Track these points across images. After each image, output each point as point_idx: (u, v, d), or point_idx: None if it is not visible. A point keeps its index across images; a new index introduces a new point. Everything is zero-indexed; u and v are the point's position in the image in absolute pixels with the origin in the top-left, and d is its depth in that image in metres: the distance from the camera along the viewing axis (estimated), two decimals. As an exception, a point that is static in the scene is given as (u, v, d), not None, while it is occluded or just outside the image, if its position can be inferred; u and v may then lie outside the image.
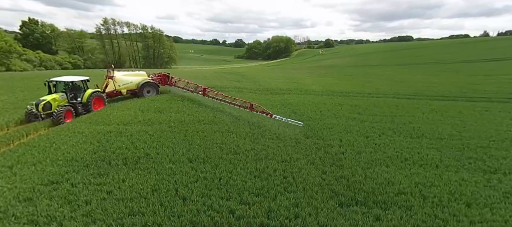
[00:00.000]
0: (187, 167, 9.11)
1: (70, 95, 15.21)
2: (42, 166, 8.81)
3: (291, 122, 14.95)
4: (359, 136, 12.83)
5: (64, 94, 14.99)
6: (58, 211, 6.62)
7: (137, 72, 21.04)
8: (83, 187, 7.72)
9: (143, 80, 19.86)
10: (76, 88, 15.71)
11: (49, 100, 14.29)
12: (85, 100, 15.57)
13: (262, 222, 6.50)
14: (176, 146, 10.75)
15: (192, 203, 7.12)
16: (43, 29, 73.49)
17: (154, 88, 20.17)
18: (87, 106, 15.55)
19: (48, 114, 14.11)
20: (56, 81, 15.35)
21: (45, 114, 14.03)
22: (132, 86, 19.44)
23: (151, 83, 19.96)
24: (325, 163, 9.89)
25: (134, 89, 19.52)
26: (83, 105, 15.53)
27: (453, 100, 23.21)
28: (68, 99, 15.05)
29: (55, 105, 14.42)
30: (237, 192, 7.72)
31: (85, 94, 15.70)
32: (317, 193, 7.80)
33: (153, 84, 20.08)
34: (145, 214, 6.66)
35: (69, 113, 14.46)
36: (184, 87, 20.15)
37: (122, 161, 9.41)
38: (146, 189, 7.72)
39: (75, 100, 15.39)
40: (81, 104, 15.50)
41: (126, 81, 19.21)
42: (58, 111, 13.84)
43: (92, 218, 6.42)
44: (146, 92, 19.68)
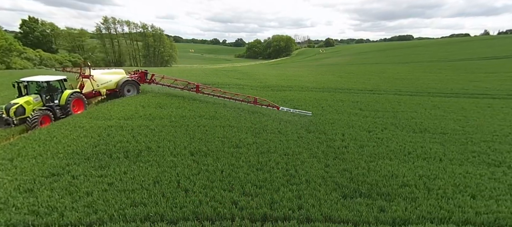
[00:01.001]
0: (189, 160, 9.04)
1: (46, 97, 13.51)
2: (43, 159, 8.74)
3: (299, 112, 14.96)
4: (362, 130, 12.74)
5: (39, 96, 13.33)
6: (59, 202, 6.55)
7: (115, 70, 19.80)
8: (84, 179, 7.65)
9: (122, 78, 18.56)
10: (52, 89, 13.94)
11: (22, 104, 12.51)
12: (63, 102, 13.89)
13: (265, 212, 6.43)
14: (177, 140, 10.67)
15: (194, 195, 7.05)
16: (43, 27, 73.33)
17: (134, 87, 18.91)
18: (66, 109, 13.95)
19: (22, 120, 12.44)
20: (27, 82, 13.36)
21: (18, 120, 12.34)
22: (111, 85, 17.97)
23: (131, 82, 18.70)
24: (328, 156, 9.81)
25: (114, 89, 18.08)
26: (62, 108, 13.90)
27: (455, 96, 23.12)
28: (44, 101, 13.38)
29: (29, 109, 12.72)
30: (239, 184, 7.64)
31: (63, 96, 14.05)
32: (320, 185, 7.73)
33: (133, 83, 18.87)
34: (147, 205, 6.59)
35: (47, 118, 12.89)
36: (170, 85, 19.23)
37: (123, 154, 9.33)
38: (147, 181, 7.65)
39: (51, 102, 13.72)
40: (59, 106, 13.85)
41: (105, 80, 17.66)
42: (33, 116, 12.24)
43: (94, 209, 6.35)
44: (127, 91, 18.37)
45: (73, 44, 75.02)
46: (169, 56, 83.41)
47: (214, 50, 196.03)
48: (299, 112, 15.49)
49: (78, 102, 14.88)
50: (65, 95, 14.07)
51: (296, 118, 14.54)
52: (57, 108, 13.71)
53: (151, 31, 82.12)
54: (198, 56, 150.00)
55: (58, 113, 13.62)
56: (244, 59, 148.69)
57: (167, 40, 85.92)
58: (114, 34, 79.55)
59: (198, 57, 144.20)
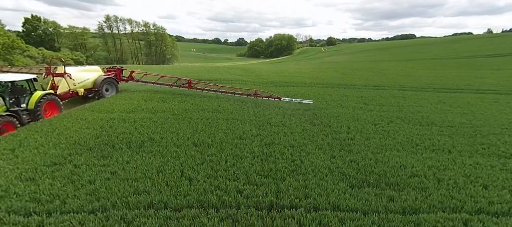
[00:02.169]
0: (192, 151, 8.89)
1: (10, 99, 11.48)
2: (45, 149, 8.61)
3: (301, 101, 14.85)
4: (367, 123, 12.55)
5: (1, 99, 11.48)
6: (61, 190, 6.42)
7: (90, 67, 18.05)
8: (86, 168, 7.51)
9: (100, 76, 16.87)
10: (18, 90, 11.84)
11: None
12: (32, 106, 11.85)
13: (271, 201, 6.26)
14: (180, 132, 10.52)
15: (198, 183, 6.90)
16: (46, 26, 73.59)
17: (113, 86, 17.29)
18: (35, 114, 11.94)
19: None
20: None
21: None
22: (89, 84, 16.16)
23: (110, 80, 17.05)
24: (334, 148, 9.63)
25: (91, 88, 16.32)
26: (30, 113, 11.91)
27: (460, 92, 22.87)
28: (7, 105, 11.37)
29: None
30: (244, 174, 7.48)
31: (32, 98, 12.01)
32: (327, 176, 7.55)
33: (112, 81, 17.23)
34: (150, 193, 6.44)
35: (9, 126, 10.83)
36: (156, 82, 18.06)
37: (126, 144, 9.19)
38: (151, 170, 7.49)
39: (17, 106, 11.65)
40: (26, 111, 11.82)
41: (82, 79, 15.81)
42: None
43: (96, 196, 6.21)
44: (105, 91, 16.71)
45: (75, 43, 75.18)
46: (171, 54, 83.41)
47: (216, 49, 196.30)
48: (300, 101, 15.41)
49: (52, 105, 12.91)
50: (35, 98, 11.99)
51: (300, 112, 14.36)
52: (24, 112, 11.65)
53: (153, 29, 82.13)
54: (200, 55, 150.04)
55: (25, 119, 11.58)
56: (246, 58, 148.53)
57: (169, 38, 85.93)
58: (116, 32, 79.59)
59: (199, 56, 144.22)
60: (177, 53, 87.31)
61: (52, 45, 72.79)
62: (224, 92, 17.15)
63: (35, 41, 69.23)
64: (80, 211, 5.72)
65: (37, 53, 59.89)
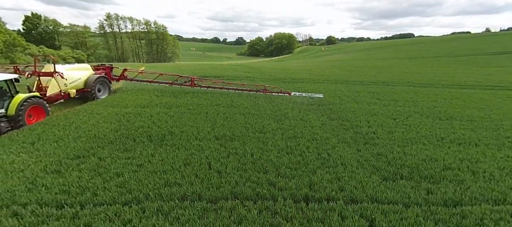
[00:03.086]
0: (216, 144, 8.70)
1: None
2: (65, 142, 8.41)
3: (311, 96, 14.70)
4: (386, 118, 12.38)
5: None
6: (90, 182, 6.22)
7: (80, 65, 15.91)
8: (111, 161, 7.32)
9: (91, 75, 15.13)
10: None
11: None
12: (13, 112, 10.01)
13: (306, 193, 6.07)
14: (199, 126, 10.34)
15: (228, 176, 6.71)
16: (46, 24, 73.07)
17: (106, 86, 15.62)
18: (16, 120, 10.11)
19: None
20: None
21: None
22: (80, 83, 14.37)
23: (102, 79, 15.35)
24: (357, 142, 9.45)
25: (83, 88, 14.44)
26: (10, 120, 10.08)
27: (471, 88, 22.73)
28: None
29: None
30: (272, 167, 7.29)
31: (13, 102, 10.17)
32: (357, 168, 7.37)
33: (105, 80, 15.59)
34: (182, 185, 6.25)
35: None
36: (153, 81, 16.76)
37: (146, 138, 9.00)
38: (177, 163, 7.30)
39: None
40: (6, 117, 10.06)
41: (74, 78, 14.00)
42: None
43: (127, 189, 6.02)
44: (97, 91, 14.94)
45: (76, 41, 74.70)
46: (172, 53, 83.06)
47: (215, 49, 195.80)
48: (311, 96, 15.25)
49: (37, 110, 11.03)
50: (16, 102, 10.15)
51: (314, 107, 14.19)
52: (2, 119, 9.89)
53: (154, 28, 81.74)
54: (200, 54, 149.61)
55: (4, 127, 9.71)
56: (246, 57, 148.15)
57: (170, 37, 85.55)
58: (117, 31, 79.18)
59: (200, 55, 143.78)
60: (179, 52, 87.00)
61: (52, 43, 72.24)
62: (231, 89, 16.66)
63: (36, 39, 68.63)
64: (113, 203, 5.53)
65: (38, 51, 59.44)
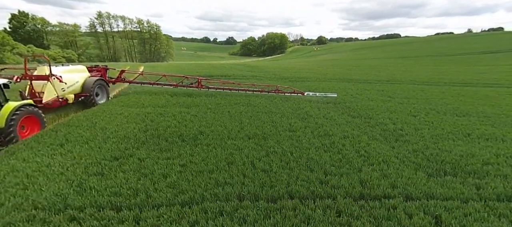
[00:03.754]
0: (251, 143, 8.57)
1: None
2: (95, 144, 8.10)
3: (325, 95, 14.72)
4: (406, 115, 12.52)
5: None
6: (138, 184, 6.00)
7: (75, 67, 13.96)
8: (152, 161, 7.09)
9: (88, 77, 13.54)
10: None
11: None
12: (3, 124, 8.36)
13: (361, 192, 6.03)
14: (227, 125, 10.18)
15: (276, 175, 6.60)
16: (34, 22, 70.79)
17: (104, 90, 14.20)
18: (7, 133, 8.43)
19: None
20: None
21: None
22: (78, 87, 12.84)
23: (100, 82, 13.87)
24: (388, 139, 9.49)
25: (80, 93, 12.90)
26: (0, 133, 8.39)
27: (472, 86, 23.35)
28: None
29: None
30: (316, 165, 7.22)
31: (3, 112, 8.51)
32: (400, 165, 7.38)
33: (103, 83, 14.15)
34: (233, 185, 6.11)
35: None
36: (155, 83, 15.69)
37: (178, 138, 8.79)
38: (220, 162, 7.14)
39: None
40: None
41: (72, 81, 12.44)
42: None
43: (179, 189, 5.83)
44: (95, 95, 13.44)
45: (66, 40, 72.66)
46: (166, 52, 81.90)
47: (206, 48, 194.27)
48: (324, 95, 15.28)
49: (30, 120, 9.36)
50: (6, 112, 8.51)
51: (330, 105, 14.21)
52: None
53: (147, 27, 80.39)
54: (192, 54, 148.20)
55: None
56: (239, 57, 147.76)
57: (164, 37, 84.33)
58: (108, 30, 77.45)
59: (191, 55, 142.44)
60: (173, 51, 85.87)
61: (41, 42, 70.14)
62: (241, 90, 16.03)
63: (23, 38, 66.37)
64: (170, 205, 5.35)
65: (27, 50, 57.54)
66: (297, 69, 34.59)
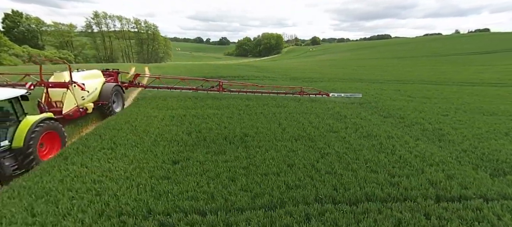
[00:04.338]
0: (300, 144, 8.48)
1: None
2: (146, 147, 7.90)
3: (351, 95, 14.74)
4: (436, 115, 12.62)
5: None
6: (210, 187, 5.85)
7: (91, 72, 12.21)
8: (212, 164, 6.94)
9: (105, 83, 12.31)
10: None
11: None
12: (20, 143, 6.83)
13: (435, 193, 5.97)
14: (269, 126, 10.08)
15: (343, 177, 6.51)
16: (28, 22, 69.07)
17: (120, 97, 12.93)
18: (26, 155, 6.84)
19: None
20: None
21: None
22: (96, 95, 11.62)
23: (117, 88, 12.65)
24: (431, 139, 9.54)
25: (97, 100, 11.63)
26: (17, 154, 6.83)
27: (479, 85, 23.82)
28: None
29: None
30: (378, 166, 7.16)
31: (21, 129, 7.00)
32: (458, 166, 7.40)
33: (120, 90, 12.92)
34: (305, 187, 6.01)
35: None
36: (173, 87, 14.59)
37: (224, 140, 8.65)
38: (280, 164, 7.03)
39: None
40: (11, 152, 6.81)
41: (93, 88, 11.32)
42: None
43: (253, 193, 5.69)
44: (112, 103, 12.06)
45: (61, 40, 71.12)
46: (164, 53, 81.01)
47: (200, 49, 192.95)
48: (350, 96, 15.30)
49: (51, 136, 7.82)
50: (25, 128, 7.00)
51: (356, 105, 14.22)
52: (7, 156, 6.65)
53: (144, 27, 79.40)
54: (187, 54, 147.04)
55: (8, 169, 6.48)
56: (235, 57, 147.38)
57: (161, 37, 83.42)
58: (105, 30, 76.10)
59: (187, 55, 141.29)
60: (171, 52, 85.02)
61: (35, 43, 68.37)
62: (265, 93, 15.32)
63: (17, 38, 64.62)
64: (251, 209, 5.23)
65: (22, 51, 56.13)
66: (302, 70, 34.66)
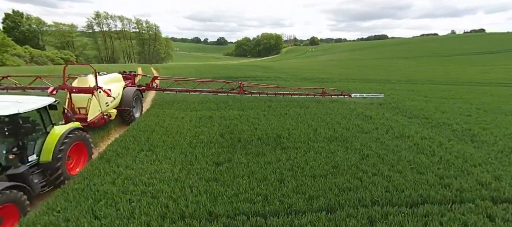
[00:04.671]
0: (337, 146, 8.42)
1: (7, 152, 5.53)
2: (184, 149, 7.82)
3: (372, 96, 14.70)
4: (459, 115, 12.62)
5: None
6: (261, 189, 5.79)
7: (112, 76, 11.56)
8: (255, 166, 6.86)
9: (125, 87, 11.69)
10: (23, 128, 5.84)
11: None
12: (49, 157, 6.08)
13: (490, 195, 5.91)
14: (299, 127, 10.01)
15: (394, 179, 6.44)
16: (29, 22, 68.47)
17: (139, 102, 12.34)
18: (54, 170, 6.09)
19: None
20: None
21: None
22: (118, 100, 10.96)
23: (138, 92, 12.09)
24: (464, 139, 9.52)
25: (119, 106, 10.98)
26: (45, 169, 6.06)
27: (488, 85, 23.98)
28: (3, 162, 5.42)
29: None
30: (423, 167, 7.08)
31: (49, 142, 6.22)
32: (501, 166, 7.36)
33: (139, 95, 12.30)
34: (358, 189, 5.95)
35: (10, 212, 4.88)
36: (192, 90, 13.77)
37: (259, 141, 8.59)
38: (324, 166, 6.96)
39: (22, 161, 5.76)
40: (38, 167, 6.03)
41: (116, 93, 10.66)
42: None
43: (307, 195, 5.62)
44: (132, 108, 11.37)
45: (62, 41, 70.59)
46: (165, 53, 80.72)
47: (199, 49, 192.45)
48: (372, 96, 15.26)
49: (78, 148, 7.08)
50: (53, 141, 6.23)
51: (376, 106, 14.18)
52: (34, 172, 5.88)
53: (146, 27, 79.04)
54: (186, 54, 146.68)
55: (37, 187, 5.76)
56: (234, 57, 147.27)
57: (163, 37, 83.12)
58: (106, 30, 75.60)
59: (186, 55, 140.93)
60: (172, 52, 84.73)
61: (36, 43, 67.86)
62: (286, 94, 14.84)
63: (18, 39, 64.04)
64: (310, 211, 5.15)
65: (24, 51, 55.69)
66: (309, 70, 34.64)
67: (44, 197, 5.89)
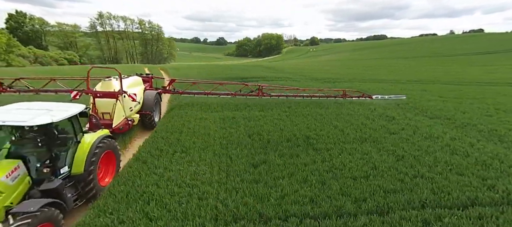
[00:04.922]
0: (369, 147, 8.36)
1: (40, 161, 5.08)
2: (217, 150, 7.76)
3: (395, 97, 14.62)
4: (480, 115, 12.58)
5: (21, 163, 4.80)
6: (306, 191, 5.72)
7: (133, 80, 10.93)
8: (292, 167, 6.81)
9: (143, 90, 11.13)
10: (56, 138, 5.20)
11: None
12: (81, 169, 5.59)
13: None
14: (325, 128, 9.93)
15: (435, 181, 6.36)
16: (32, 23, 68.38)
17: (158, 105, 12.03)
18: (88, 182, 5.61)
19: None
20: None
21: None
22: (140, 104, 10.59)
23: (158, 96, 11.86)
24: (492, 140, 9.48)
25: (140, 110, 10.51)
26: (77, 181, 5.57)
27: (496, 85, 24.00)
28: (34, 175, 5.00)
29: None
30: (461, 169, 6.99)
31: (80, 151, 5.74)
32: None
33: (158, 98, 11.97)
34: (403, 191, 5.86)
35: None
36: (209, 93, 13.05)
37: (289, 142, 8.51)
38: (362, 168, 6.87)
39: (54, 174, 5.14)
40: (70, 179, 5.53)
41: (139, 97, 10.30)
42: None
43: (353, 198, 5.55)
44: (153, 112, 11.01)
45: (65, 41, 70.47)
46: (168, 53, 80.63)
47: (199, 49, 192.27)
48: (395, 97, 15.18)
49: (108, 157, 6.62)
50: (85, 151, 5.78)
51: (394, 106, 14.09)
52: (67, 185, 5.37)
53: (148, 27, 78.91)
54: (187, 54, 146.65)
55: (71, 201, 5.24)
56: (235, 57, 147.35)
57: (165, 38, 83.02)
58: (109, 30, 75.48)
59: (186, 55, 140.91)
60: (175, 52, 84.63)
61: (39, 43, 67.75)
62: (307, 96, 14.49)
63: (21, 39, 63.93)
64: (362, 214, 5.07)
65: (28, 52, 55.57)
66: (316, 70, 34.60)
67: (74, 213, 5.42)
